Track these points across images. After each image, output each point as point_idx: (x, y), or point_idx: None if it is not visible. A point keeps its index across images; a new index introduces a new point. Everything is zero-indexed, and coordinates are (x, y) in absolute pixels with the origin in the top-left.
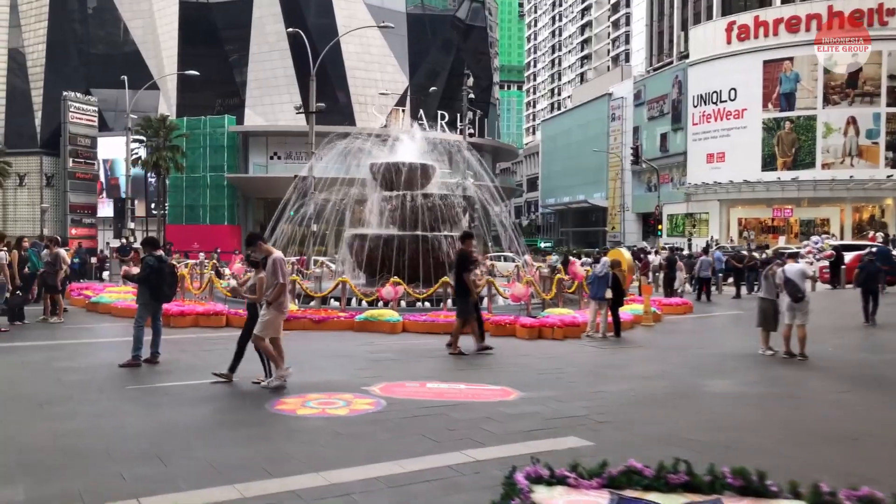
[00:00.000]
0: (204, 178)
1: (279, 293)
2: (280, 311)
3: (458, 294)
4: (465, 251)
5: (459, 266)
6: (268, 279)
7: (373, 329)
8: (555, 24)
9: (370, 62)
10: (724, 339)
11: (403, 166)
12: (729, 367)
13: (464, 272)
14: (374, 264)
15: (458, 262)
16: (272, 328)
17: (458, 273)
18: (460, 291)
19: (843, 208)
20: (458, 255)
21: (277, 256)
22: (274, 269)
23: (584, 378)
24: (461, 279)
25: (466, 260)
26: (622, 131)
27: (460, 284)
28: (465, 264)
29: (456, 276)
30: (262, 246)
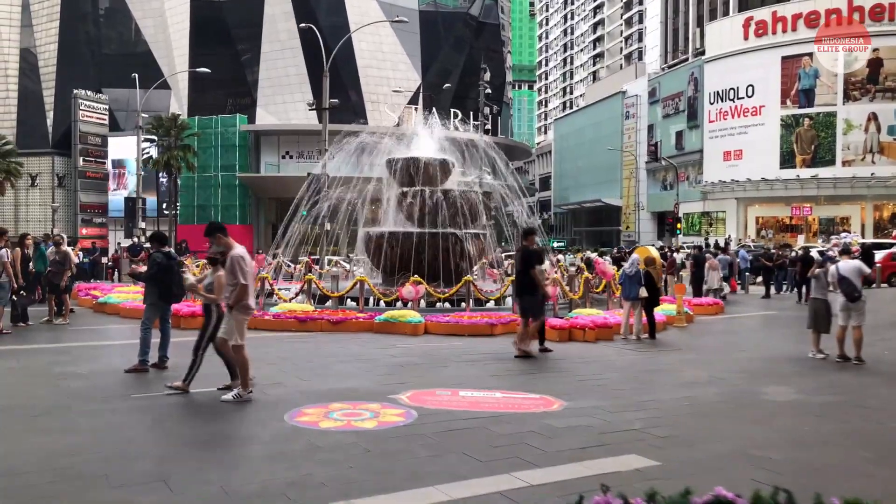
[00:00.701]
0: (215, 177)
1: (241, 295)
2: (245, 314)
3: (524, 292)
4: (530, 247)
5: (526, 263)
6: (227, 279)
7: (393, 331)
8: (566, 23)
9: (382, 60)
10: (765, 340)
11: (422, 162)
12: (781, 371)
13: (531, 269)
14: (392, 263)
15: (525, 259)
16: (240, 332)
17: (524, 270)
18: (526, 289)
19: (863, 206)
20: (524, 252)
21: (237, 254)
22: (233, 268)
23: (629, 385)
24: (528, 276)
25: (533, 256)
26: (636, 129)
27: (526, 282)
28: (531, 261)
29: (522, 273)
30: (221, 239)
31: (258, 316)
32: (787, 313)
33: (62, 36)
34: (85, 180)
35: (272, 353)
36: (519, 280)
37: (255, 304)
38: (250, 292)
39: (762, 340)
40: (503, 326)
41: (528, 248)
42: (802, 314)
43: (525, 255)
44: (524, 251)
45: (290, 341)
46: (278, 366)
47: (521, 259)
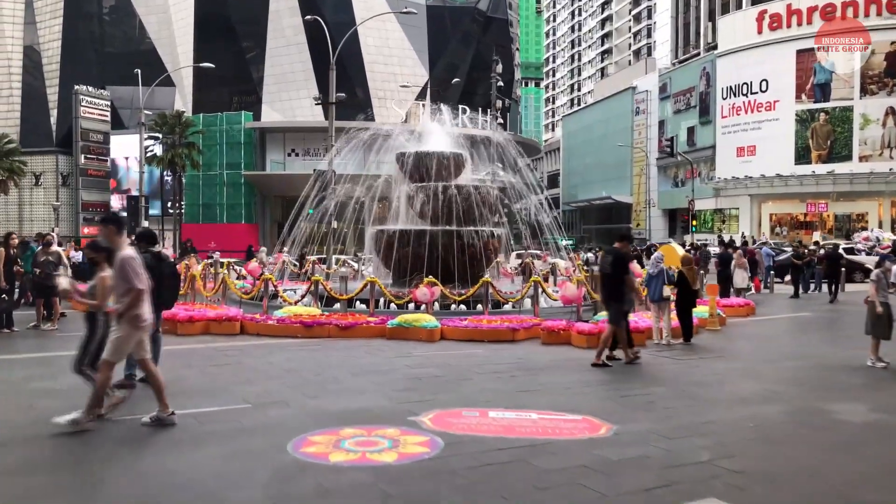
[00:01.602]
0: (220, 175)
1: (133, 303)
2: (135, 327)
3: (612, 298)
4: (624, 251)
5: (618, 268)
6: (116, 283)
7: (407, 336)
8: (574, 19)
9: (389, 56)
10: (810, 346)
11: (434, 156)
12: (844, 384)
13: (625, 274)
14: (404, 263)
15: (616, 264)
16: (124, 349)
17: (615, 275)
18: (614, 296)
19: (881, 202)
20: (616, 256)
21: (127, 255)
22: (124, 270)
23: (679, 402)
24: (619, 282)
25: (626, 261)
26: (647, 125)
27: (616, 288)
28: (625, 266)
29: (612, 278)
30: (112, 235)
31: (261, 321)
32: (822, 315)
33: (66, 33)
34: (86, 178)
35: (276, 363)
36: (609, 285)
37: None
38: (145, 301)
39: (807, 345)
40: (525, 331)
41: (620, 252)
42: (840, 316)
43: (616, 259)
44: (617, 255)
45: (296, 349)
46: (282, 380)
47: (612, 263)
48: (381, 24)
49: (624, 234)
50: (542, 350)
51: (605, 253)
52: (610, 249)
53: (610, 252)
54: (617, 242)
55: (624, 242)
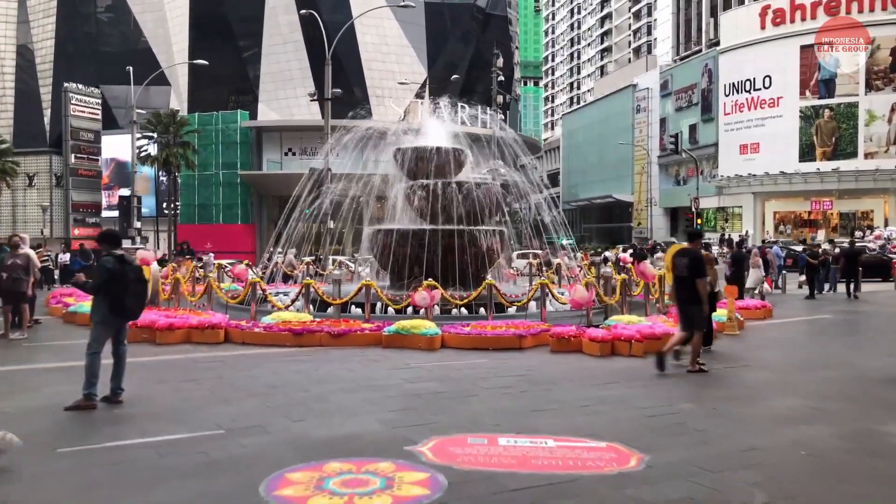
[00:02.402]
0: (216, 175)
1: None
2: None
3: (691, 301)
4: (699, 252)
5: (694, 270)
6: None
7: (405, 344)
8: (573, 17)
9: (387, 53)
10: (842, 352)
11: (433, 151)
12: (891, 400)
13: (699, 277)
14: (402, 264)
15: (693, 266)
16: None
17: (691, 277)
18: (693, 299)
19: (886, 200)
20: (692, 257)
21: None
22: None
23: (712, 422)
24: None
25: (701, 262)
26: (648, 123)
27: (695, 291)
28: (701, 268)
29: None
30: None
31: (247, 328)
32: (843, 317)
33: (59, 32)
34: (77, 178)
35: (260, 378)
36: (685, 287)
37: None
38: None
39: (837, 352)
40: (533, 338)
41: (695, 253)
42: (861, 318)
43: (694, 260)
44: (693, 256)
45: (283, 360)
46: (264, 398)
47: (688, 265)
48: (379, 22)
49: (694, 233)
50: (552, 359)
51: (679, 254)
52: (684, 251)
53: (684, 253)
54: (687, 242)
55: (696, 241)
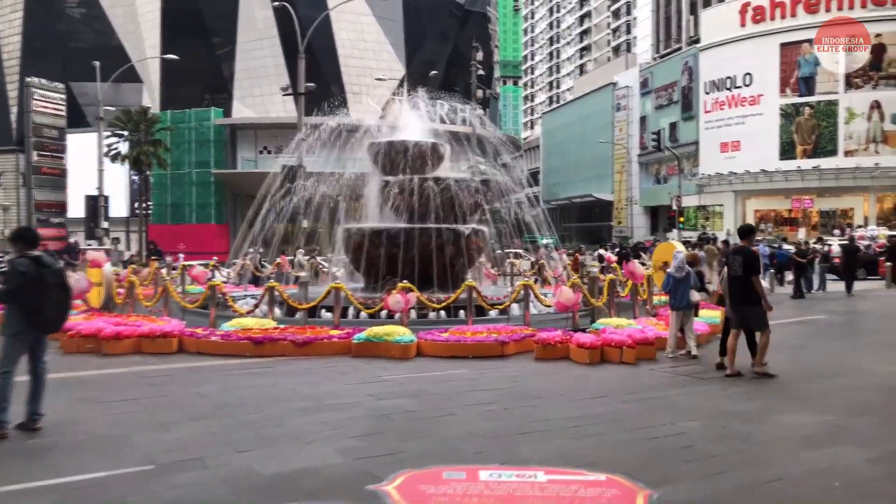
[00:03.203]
0: (189, 174)
1: None
2: None
3: (746, 302)
4: (752, 249)
5: (749, 268)
6: None
7: (377, 353)
8: (552, 16)
9: (364, 50)
10: (843, 357)
11: (410, 145)
12: None
13: (755, 275)
14: (376, 265)
15: (747, 264)
16: None
17: (745, 276)
18: (749, 299)
19: (866, 198)
20: (746, 255)
21: None
22: None
23: (724, 446)
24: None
25: (757, 260)
26: (628, 122)
27: (750, 290)
28: (756, 265)
29: (742, 279)
30: None
31: (202, 337)
32: (838, 317)
33: (26, 27)
34: (40, 177)
35: (209, 395)
36: (740, 287)
37: None
38: None
39: (842, 356)
40: (516, 344)
41: (749, 250)
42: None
43: (748, 258)
44: (747, 254)
45: (239, 373)
46: (210, 421)
47: (743, 263)
48: (356, 18)
49: (748, 229)
50: (537, 368)
51: (733, 252)
52: (738, 248)
53: (738, 252)
54: (741, 240)
55: (749, 238)
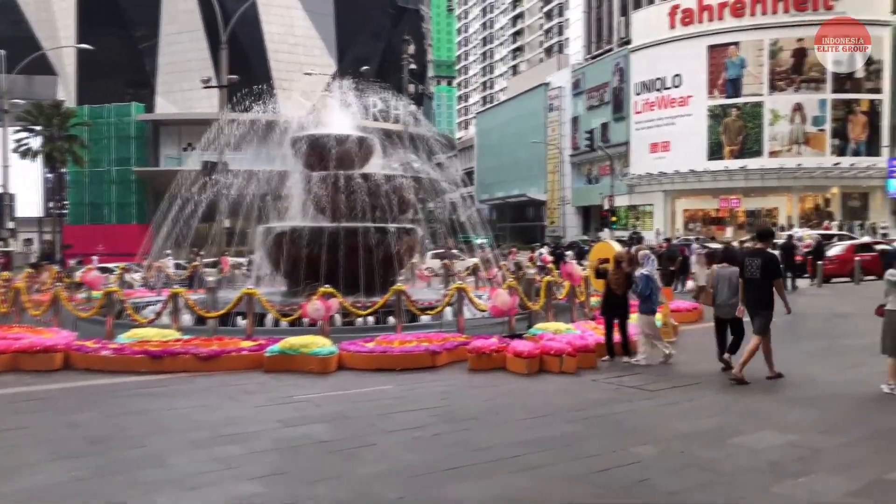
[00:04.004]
0: (109, 172)
1: None
2: None
3: (762, 307)
4: (771, 253)
5: (768, 272)
6: None
7: (293, 367)
8: (485, 16)
9: (294, 45)
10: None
11: (335, 139)
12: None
13: (775, 279)
14: (297, 268)
15: (767, 268)
16: None
17: (763, 280)
18: (765, 303)
19: (789, 198)
20: (766, 259)
21: None
22: None
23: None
24: (767, 287)
25: (777, 264)
26: (560, 122)
27: (767, 295)
28: (777, 270)
29: (763, 284)
30: None
31: (92, 351)
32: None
33: None
34: None
35: (84, 425)
36: (759, 292)
37: None
38: None
39: (792, 362)
40: (448, 354)
41: (769, 254)
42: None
43: (767, 262)
44: (766, 257)
45: (128, 396)
46: (75, 462)
47: (762, 266)
48: (285, 11)
49: (765, 232)
50: (472, 381)
51: (751, 255)
52: (756, 251)
53: (757, 254)
54: (758, 242)
55: (766, 241)
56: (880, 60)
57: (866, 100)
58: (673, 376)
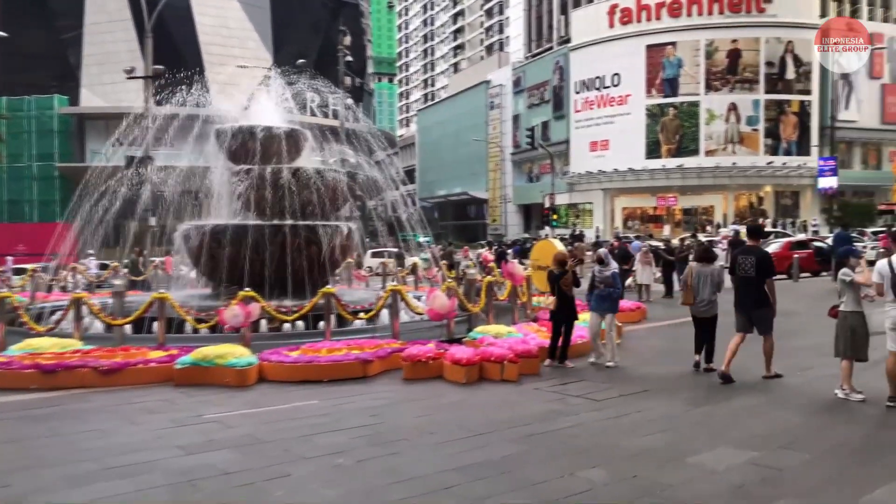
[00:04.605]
0: (29, 168)
1: None
2: None
3: (760, 305)
4: (765, 250)
5: (762, 270)
6: None
7: (207, 380)
8: (426, 13)
9: (228, 37)
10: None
11: (261, 131)
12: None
13: (769, 276)
14: (219, 269)
15: (761, 265)
16: None
17: (758, 278)
18: (762, 301)
19: (725, 196)
20: (760, 256)
21: None
22: None
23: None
24: (762, 286)
25: (771, 261)
26: (501, 120)
27: (763, 293)
28: (771, 267)
29: (754, 281)
30: None
31: None
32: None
33: None
34: None
35: None
36: (754, 290)
37: None
38: None
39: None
40: (381, 362)
41: (762, 251)
42: None
43: (762, 259)
44: (760, 255)
45: (7, 419)
46: None
47: (756, 264)
48: (219, 3)
49: (755, 228)
50: (406, 393)
51: (743, 253)
52: (749, 249)
53: (750, 252)
54: (751, 239)
55: (757, 238)
56: (809, 63)
57: (797, 101)
58: (620, 383)
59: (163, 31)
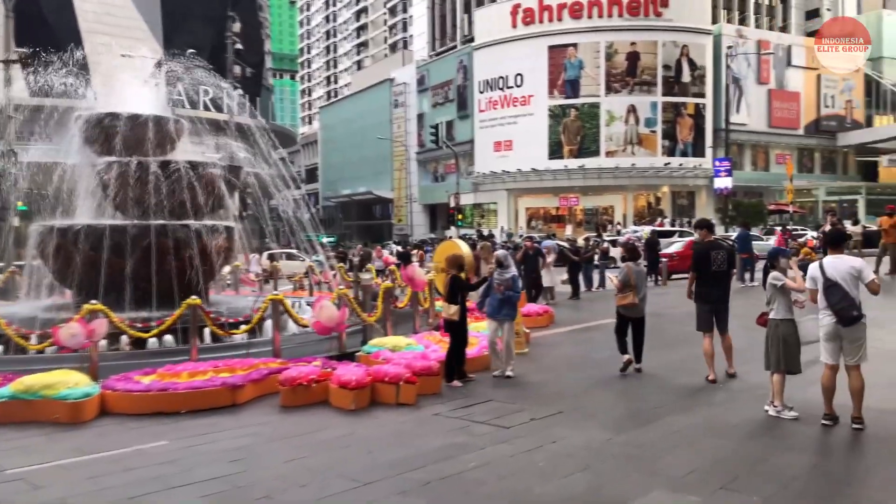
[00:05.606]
0: None
1: None
2: None
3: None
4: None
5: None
6: None
7: (31, 417)
8: (328, 9)
9: (112, 25)
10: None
11: (125, 119)
12: (788, 468)
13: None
14: (71, 276)
15: (731, 259)
16: None
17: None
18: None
19: (625, 196)
20: (728, 250)
21: None
22: None
23: None
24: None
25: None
26: (406, 119)
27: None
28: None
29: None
30: None
31: None
32: None
33: None
34: None
35: None
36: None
37: None
38: None
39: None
40: (255, 387)
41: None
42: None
43: (731, 254)
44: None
45: None
46: None
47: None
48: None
49: (703, 222)
50: (282, 426)
51: (714, 248)
52: (715, 243)
53: (718, 247)
54: (708, 234)
55: (705, 231)
56: (703, 67)
57: (692, 103)
58: (531, 402)
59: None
